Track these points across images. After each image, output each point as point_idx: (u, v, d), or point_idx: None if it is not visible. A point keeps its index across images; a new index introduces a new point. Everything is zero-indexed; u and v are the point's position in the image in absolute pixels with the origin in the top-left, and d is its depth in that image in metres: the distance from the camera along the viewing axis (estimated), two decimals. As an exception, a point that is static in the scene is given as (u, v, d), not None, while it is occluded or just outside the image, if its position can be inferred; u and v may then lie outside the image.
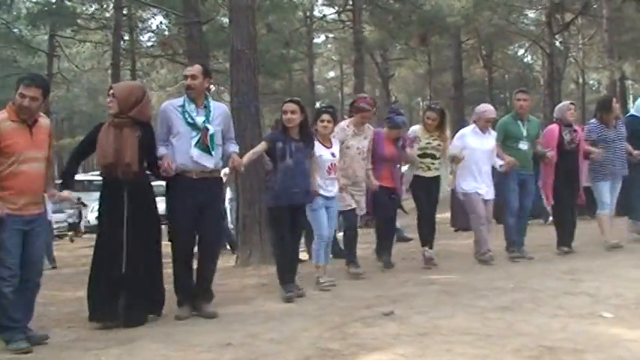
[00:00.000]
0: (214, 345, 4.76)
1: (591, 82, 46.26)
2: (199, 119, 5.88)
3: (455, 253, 8.82)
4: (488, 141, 8.27)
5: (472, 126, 8.39)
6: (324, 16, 33.74)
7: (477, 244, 8.26)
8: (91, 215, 19.80)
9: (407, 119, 8.36)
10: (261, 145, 6.58)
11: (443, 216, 9.80)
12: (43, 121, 5.29)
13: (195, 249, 6.12)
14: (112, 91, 5.77)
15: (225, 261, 10.24)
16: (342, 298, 6.34)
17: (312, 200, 6.75)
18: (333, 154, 7.06)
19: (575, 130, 8.52)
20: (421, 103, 51.42)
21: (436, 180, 8.29)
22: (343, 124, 7.74)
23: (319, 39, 41.06)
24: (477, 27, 27.72)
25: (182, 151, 5.84)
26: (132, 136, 5.65)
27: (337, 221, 7.87)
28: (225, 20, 20.83)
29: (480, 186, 8.16)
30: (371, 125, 8.01)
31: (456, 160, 8.09)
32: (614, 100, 8.97)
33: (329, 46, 44.32)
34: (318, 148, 6.90)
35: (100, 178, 6.42)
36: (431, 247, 8.27)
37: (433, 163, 8.18)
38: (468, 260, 8.17)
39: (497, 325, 4.98)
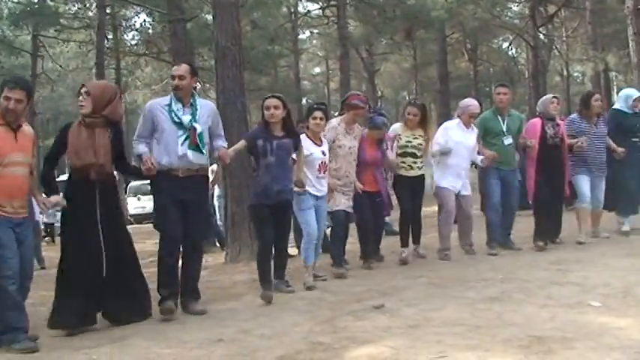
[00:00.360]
0: (205, 341, 4.78)
1: (576, 74, 46.44)
2: (186, 118, 5.83)
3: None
4: (471, 137, 8.17)
5: (457, 120, 8.31)
6: (309, 11, 33.66)
7: (440, 240, 8.20)
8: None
9: (389, 119, 8.16)
10: (241, 143, 6.49)
11: (429, 209, 9.79)
12: (28, 129, 5.28)
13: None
14: (85, 89, 5.61)
15: (215, 258, 10.24)
16: (333, 293, 6.36)
17: (298, 196, 6.67)
18: (323, 153, 6.95)
19: (558, 124, 8.46)
20: (407, 98, 51.44)
21: (420, 179, 8.08)
22: (334, 122, 7.51)
23: (304, 35, 41.01)
24: (462, 21, 27.78)
25: (168, 150, 5.79)
26: (104, 137, 5.53)
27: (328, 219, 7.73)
28: (210, 17, 20.74)
29: (456, 182, 8.08)
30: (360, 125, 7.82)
31: (444, 152, 7.97)
32: (595, 97, 8.86)
33: (314, 41, 44.29)
34: (309, 146, 6.81)
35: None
36: (418, 243, 8.20)
37: (415, 162, 7.94)
38: (456, 252, 8.19)
39: (486, 316, 5.03)
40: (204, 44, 22.06)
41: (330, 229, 7.84)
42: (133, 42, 30.90)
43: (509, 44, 38.70)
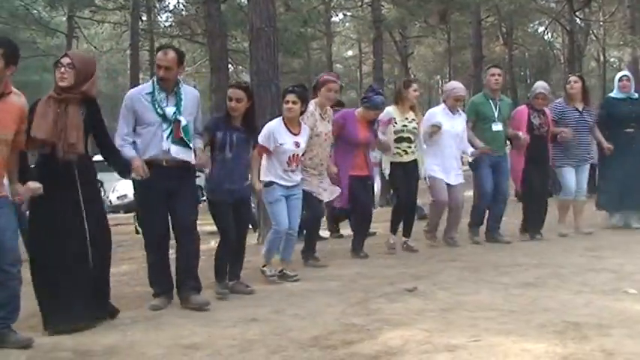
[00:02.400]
0: (239, 320, 4.81)
1: (612, 59, 45.72)
2: (169, 110, 5.37)
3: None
4: (458, 122, 7.83)
5: (442, 106, 7.96)
6: (342, -7, 33.51)
7: (429, 226, 8.06)
8: (112, 195, 19.73)
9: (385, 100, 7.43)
10: (205, 136, 5.81)
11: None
12: (12, 99, 4.51)
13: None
14: (68, 61, 4.86)
15: (248, 239, 10.30)
16: (365, 275, 6.36)
17: (265, 187, 6.17)
18: (297, 144, 6.24)
19: (544, 114, 8.16)
20: (440, 82, 51.07)
21: (414, 164, 7.67)
22: (311, 107, 6.76)
23: (337, 17, 40.79)
24: (497, 4, 27.43)
25: (153, 143, 5.37)
26: (77, 115, 4.86)
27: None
28: (244, -1, 20.75)
29: (448, 172, 7.76)
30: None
31: (434, 130, 7.54)
32: (570, 79, 8.53)
33: (347, 24, 44.08)
34: (282, 135, 6.19)
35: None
36: (409, 236, 7.84)
37: (410, 147, 7.57)
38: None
39: (521, 301, 5.01)
40: (237, 26, 22.07)
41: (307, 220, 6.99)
42: (167, 24, 31.08)
43: (545, 28, 38.25)
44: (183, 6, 28.30)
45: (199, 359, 4.03)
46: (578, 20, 29.18)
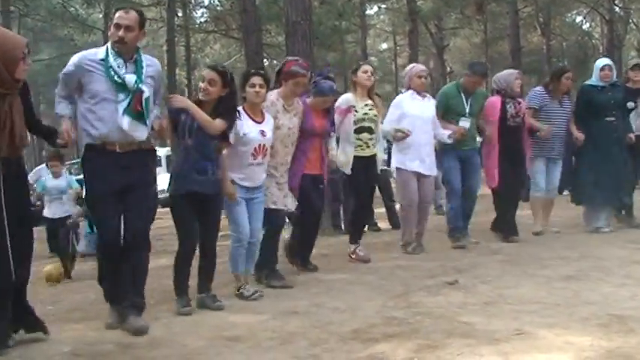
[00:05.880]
0: (280, 313, 4.83)
1: (653, 48, 44.91)
2: (130, 78, 4.53)
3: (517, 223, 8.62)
4: (428, 107, 7.14)
5: (409, 92, 7.16)
6: (377, -14, 33.44)
7: (404, 237, 7.25)
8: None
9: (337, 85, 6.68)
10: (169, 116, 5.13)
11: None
12: None
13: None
14: (26, 50, 4.16)
15: (285, 233, 10.34)
16: (404, 268, 6.34)
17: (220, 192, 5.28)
18: (262, 133, 5.51)
19: (519, 102, 7.56)
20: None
21: (374, 159, 6.88)
22: (273, 96, 5.87)
23: (372, 10, 40.67)
24: (534, -7, 27.17)
25: (106, 119, 4.51)
26: (19, 105, 4.18)
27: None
28: (278, -7, 20.72)
29: (418, 162, 7.03)
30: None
31: (399, 136, 6.94)
32: (567, 74, 7.88)
33: (382, 17, 43.95)
34: (245, 124, 5.43)
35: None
36: (357, 242, 6.98)
37: (371, 139, 6.78)
38: (530, 231, 7.99)
39: (564, 294, 4.94)
40: (272, 20, 22.14)
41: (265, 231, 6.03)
42: (203, 19, 31.32)
43: (584, 18, 37.71)
44: (219, 1, 28.50)
45: (241, 351, 4.05)
46: (617, 9, 28.74)
